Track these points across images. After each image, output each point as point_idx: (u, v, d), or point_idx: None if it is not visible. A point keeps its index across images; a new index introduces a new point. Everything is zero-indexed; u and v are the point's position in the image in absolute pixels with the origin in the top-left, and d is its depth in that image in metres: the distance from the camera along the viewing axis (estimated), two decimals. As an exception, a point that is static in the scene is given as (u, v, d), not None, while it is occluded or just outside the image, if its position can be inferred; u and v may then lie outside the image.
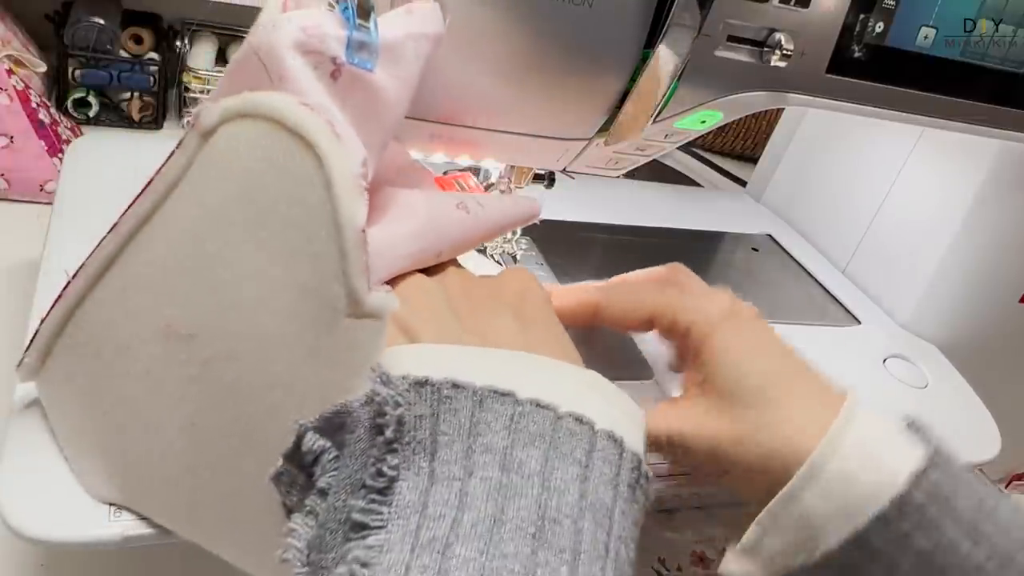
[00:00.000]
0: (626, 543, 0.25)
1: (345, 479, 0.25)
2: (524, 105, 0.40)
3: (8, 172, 0.66)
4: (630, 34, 0.37)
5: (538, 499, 0.23)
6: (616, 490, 0.25)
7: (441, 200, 0.35)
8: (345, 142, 0.30)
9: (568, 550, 0.23)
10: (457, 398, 0.24)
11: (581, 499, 0.24)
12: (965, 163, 0.60)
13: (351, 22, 0.30)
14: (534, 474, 0.24)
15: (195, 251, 0.30)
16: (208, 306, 0.30)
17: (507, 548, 0.22)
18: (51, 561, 0.42)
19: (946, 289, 0.62)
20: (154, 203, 0.31)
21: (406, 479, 0.24)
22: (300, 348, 0.29)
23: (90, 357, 0.32)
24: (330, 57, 0.30)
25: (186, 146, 0.31)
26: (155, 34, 0.81)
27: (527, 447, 0.24)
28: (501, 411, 0.25)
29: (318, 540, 0.25)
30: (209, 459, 0.30)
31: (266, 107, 0.29)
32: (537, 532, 0.22)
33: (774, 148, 0.81)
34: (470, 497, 0.23)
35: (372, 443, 0.24)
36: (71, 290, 0.32)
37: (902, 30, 0.42)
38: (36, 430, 0.34)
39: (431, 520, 0.22)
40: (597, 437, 0.25)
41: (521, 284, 0.33)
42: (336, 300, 0.28)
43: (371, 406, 0.25)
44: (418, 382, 0.25)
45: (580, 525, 0.23)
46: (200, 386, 0.30)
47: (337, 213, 0.28)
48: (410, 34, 0.32)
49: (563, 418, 0.25)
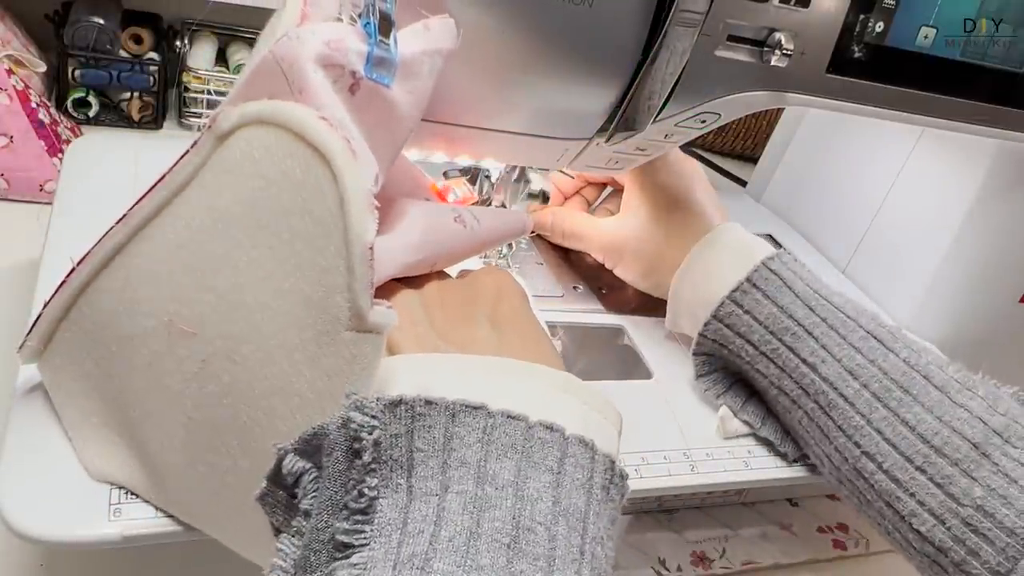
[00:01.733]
0: (602, 543, 0.26)
1: (327, 500, 0.25)
2: (524, 105, 0.40)
3: (8, 172, 0.66)
4: (630, 34, 0.37)
5: (512, 509, 0.24)
6: (589, 493, 0.26)
7: (439, 213, 0.36)
8: (359, 159, 0.30)
9: (543, 557, 0.23)
10: (430, 414, 0.25)
11: (554, 506, 0.25)
12: (965, 163, 0.60)
13: (372, 38, 0.31)
14: (508, 485, 0.24)
15: (203, 251, 0.30)
16: (211, 306, 0.30)
17: (483, 560, 0.22)
18: (51, 561, 0.42)
19: (946, 289, 0.62)
20: (165, 199, 0.32)
21: (386, 497, 0.24)
22: (299, 356, 0.29)
23: (95, 343, 0.33)
24: (350, 71, 0.31)
25: (201, 147, 0.31)
26: (155, 34, 0.81)
27: (500, 459, 0.25)
28: (474, 424, 0.25)
29: (304, 560, 0.25)
30: (206, 455, 0.31)
31: (286, 116, 0.29)
32: (512, 542, 0.23)
33: (774, 148, 0.81)
34: (447, 512, 0.24)
35: (351, 465, 0.25)
36: (76, 276, 0.33)
37: (902, 30, 0.42)
38: (36, 430, 0.34)
39: (411, 536, 0.23)
40: (568, 443, 0.26)
41: (496, 285, 0.34)
42: (339, 313, 0.29)
43: (347, 430, 0.25)
44: (392, 403, 0.25)
45: (554, 531, 0.24)
46: (199, 383, 0.30)
47: (348, 230, 0.28)
48: (426, 51, 0.32)
49: (534, 427, 0.26)
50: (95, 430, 0.34)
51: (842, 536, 0.57)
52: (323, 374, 0.29)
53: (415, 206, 0.35)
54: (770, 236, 0.73)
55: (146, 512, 0.33)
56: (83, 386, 0.34)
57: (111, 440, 0.33)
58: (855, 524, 0.59)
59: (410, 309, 0.32)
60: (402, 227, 0.34)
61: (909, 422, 0.39)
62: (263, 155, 0.30)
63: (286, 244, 0.29)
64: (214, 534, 0.33)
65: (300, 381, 0.29)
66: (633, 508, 0.54)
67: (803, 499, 0.60)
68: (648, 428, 0.45)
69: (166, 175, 0.32)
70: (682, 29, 0.37)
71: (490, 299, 0.33)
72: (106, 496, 0.33)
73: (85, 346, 0.33)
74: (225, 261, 0.30)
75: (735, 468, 0.45)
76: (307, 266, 0.29)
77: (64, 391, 0.34)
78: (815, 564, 0.55)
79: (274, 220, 0.29)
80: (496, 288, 0.34)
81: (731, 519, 0.56)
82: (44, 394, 0.35)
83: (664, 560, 0.52)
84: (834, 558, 0.56)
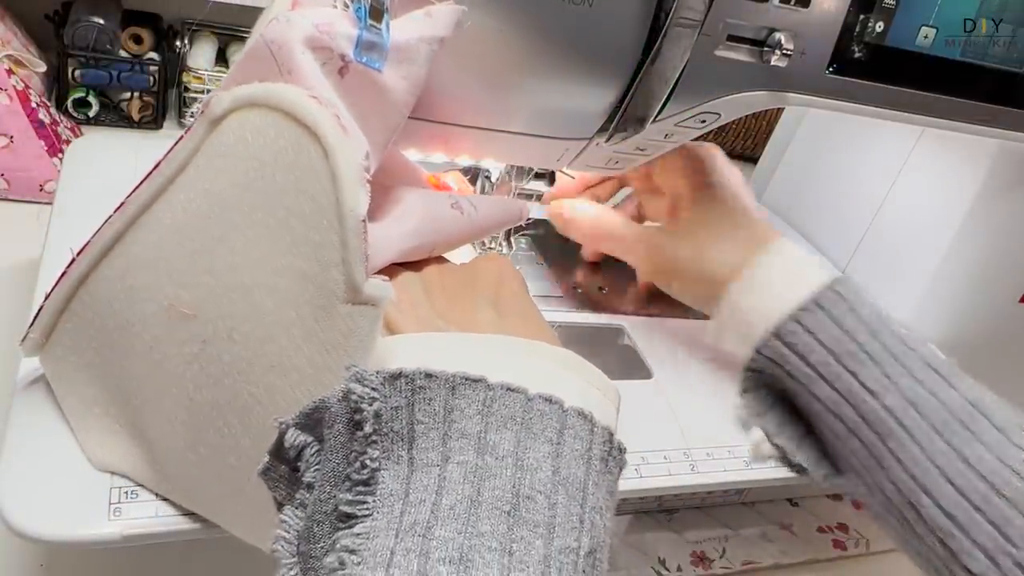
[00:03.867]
0: (601, 512, 0.26)
1: (329, 472, 0.26)
2: (524, 105, 0.40)
3: (8, 172, 0.66)
4: (630, 34, 0.37)
5: (512, 478, 0.24)
6: (588, 464, 0.26)
7: (437, 200, 0.36)
8: (350, 135, 0.30)
9: (542, 524, 0.24)
10: (431, 387, 0.25)
11: (554, 475, 0.25)
12: (965, 163, 0.60)
13: (363, 22, 0.31)
14: (508, 455, 0.25)
15: (199, 234, 0.31)
16: (209, 288, 0.30)
17: (484, 527, 0.23)
18: (51, 560, 0.42)
19: (946, 289, 0.62)
20: (161, 186, 0.32)
21: (387, 468, 0.25)
22: (297, 332, 0.29)
23: (96, 332, 0.33)
24: (339, 54, 0.31)
25: (195, 132, 0.32)
26: (155, 34, 0.81)
27: (500, 430, 0.25)
28: (473, 397, 0.26)
29: (307, 531, 0.26)
30: (208, 436, 0.31)
31: (276, 98, 0.30)
32: (512, 510, 0.24)
33: (774, 148, 0.81)
34: (448, 481, 0.24)
35: (352, 437, 0.25)
36: (76, 267, 0.33)
37: (902, 30, 0.42)
38: (36, 429, 0.34)
39: (412, 506, 0.24)
40: (567, 415, 0.26)
41: (497, 270, 0.34)
42: (335, 287, 0.29)
43: (347, 403, 0.25)
44: (392, 375, 0.26)
45: (554, 500, 0.24)
46: (199, 364, 0.31)
47: (340, 204, 0.29)
48: (423, 37, 0.33)
49: (533, 400, 0.26)
50: (97, 420, 0.34)
51: (842, 536, 0.58)
52: (321, 348, 0.29)
53: (412, 193, 0.36)
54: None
55: (146, 511, 0.33)
56: (85, 376, 0.34)
57: (113, 429, 0.34)
58: (855, 524, 0.59)
59: (410, 291, 0.33)
60: (399, 213, 0.34)
61: (968, 459, 0.38)
62: (255, 137, 0.30)
63: (281, 223, 0.30)
64: (215, 519, 0.33)
65: (299, 356, 0.29)
66: (633, 508, 0.54)
67: (803, 499, 0.60)
68: (648, 428, 0.45)
69: (161, 162, 0.32)
70: (682, 29, 0.37)
71: (491, 283, 0.34)
72: (106, 495, 0.33)
73: (86, 336, 0.34)
74: (222, 243, 0.30)
75: (735, 468, 0.45)
76: (302, 242, 0.29)
77: (66, 382, 0.34)
78: (815, 564, 0.55)
79: (269, 200, 0.30)
80: (497, 273, 0.34)
81: (731, 519, 0.56)
82: (44, 393, 0.35)
83: (664, 560, 0.52)
84: (834, 558, 0.56)
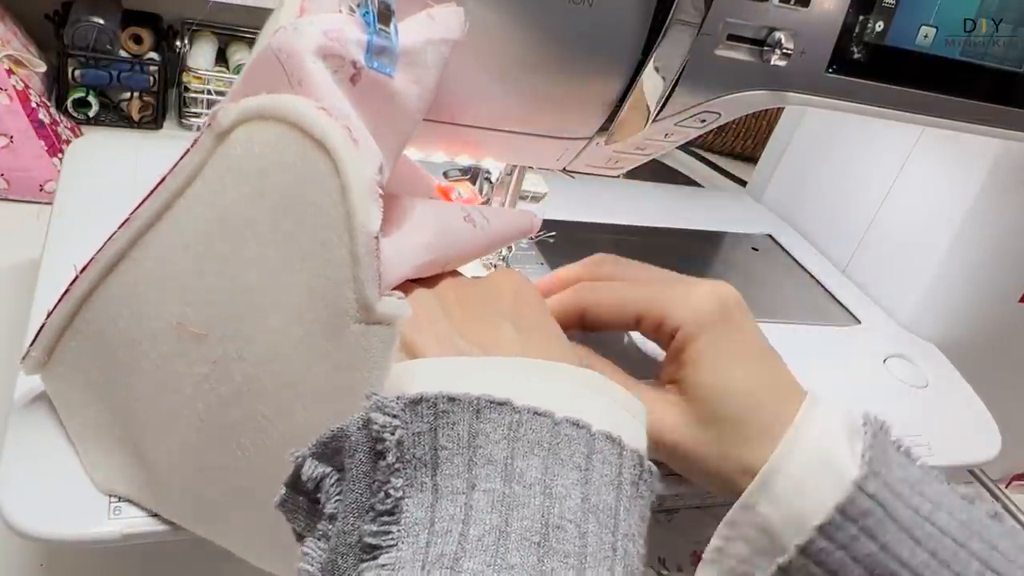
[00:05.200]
0: (633, 540, 0.25)
1: (352, 503, 0.25)
2: (524, 105, 0.40)
3: (8, 172, 0.66)
4: (630, 34, 0.37)
5: (541, 507, 0.23)
6: (619, 489, 0.25)
7: (450, 213, 0.35)
8: (362, 147, 0.29)
9: (573, 555, 0.23)
10: (454, 411, 0.24)
11: (583, 503, 0.24)
12: (965, 163, 0.60)
13: (372, 27, 0.30)
14: (535, 483, 0.24)
15: (207, 251, 0.30)
16: (219, 306, 0.30)
17: (513, 559, 0.22)
18: (51, 560, 0.42)
19: (946, 289, 0.62)
20: (167, 201, 0.31)
21: (411, 496, 0.24)
22: (310, 351, 0.29)
23: (101, 351, 0.32)
24: (350, 61, 0.30)
25: (201, 145, 0.31)
26: (155, 34, 0.81)
27: (527, 456, 0.24)
28: (499, 420, 0.25)
29: (331, 564, 0.25)
30: (219, 457, 0.30)
31: (284, 110, 0.29)
32: (542, 540, 0.23)
33: (774, 148, 0.81)
34: (475, 510, 0.23)
35: (374, 467, 0.24)
36: (79, 284, 0.32)
37: (902, 30, 0.42)
38: (36, 428, 0.34)
39: (439, 536, 0.23)
40: (595, 440, 0.25)
41: (514, 286, 0.33)
42: (347, 305, 0.28)
43: (368, 431, 0.25)
44: (413, 400, 0.25)
45: (584, 528, 0.24)
46: (210, 385, 0.30)
47: (351, 219, 0.28)
48: (430, 40, 0.32)
49: (560, 424, 0.25)
50: (99, 442, 0.33)
51: (842, 536, 0.57)
52: (334, 368, 0.29)
53: (424, 205, 0.35)
54: (770, 236, 0.73)
55: (146, 511, 0.33)
56: (87, 397, 0.33)
57: (115, 452, 0.33)
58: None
59: (427, 307, 0.31)
60: (413, 227, 0.33)
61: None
62: (264, 150, 0.29)
63: (291, 239, 0.29)
64: (223, 543, 0.32)
65: (311, 377, 0.29)
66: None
67: (803, 499, 0.60)
68: (648, 428, 0.45)
69: (167, 176, 0.31)
70: (682, 28, 0.37)
71: (509, 300, 0.33)
72: (106, 495, 0.33)
73: (89, 355, 0.33)
74: (230, 259, 0.29)
75: (735, 468, 0.45)
76: (312, 259, 0.29)
77: (68, 403, 0.34)
78: (815, 564, 0.55)
79: (278, 215, 0.29)
80: (514, 290, 0.33)
81: (731, 519, 0.56)
82: (45, 393, 0.35)
83: (664, 560, 0.52)
84: (834, 558, 0.56)
